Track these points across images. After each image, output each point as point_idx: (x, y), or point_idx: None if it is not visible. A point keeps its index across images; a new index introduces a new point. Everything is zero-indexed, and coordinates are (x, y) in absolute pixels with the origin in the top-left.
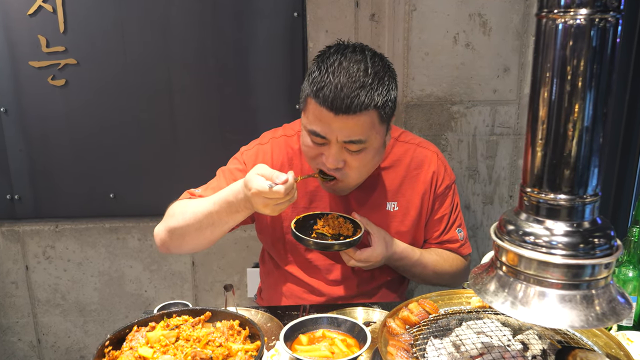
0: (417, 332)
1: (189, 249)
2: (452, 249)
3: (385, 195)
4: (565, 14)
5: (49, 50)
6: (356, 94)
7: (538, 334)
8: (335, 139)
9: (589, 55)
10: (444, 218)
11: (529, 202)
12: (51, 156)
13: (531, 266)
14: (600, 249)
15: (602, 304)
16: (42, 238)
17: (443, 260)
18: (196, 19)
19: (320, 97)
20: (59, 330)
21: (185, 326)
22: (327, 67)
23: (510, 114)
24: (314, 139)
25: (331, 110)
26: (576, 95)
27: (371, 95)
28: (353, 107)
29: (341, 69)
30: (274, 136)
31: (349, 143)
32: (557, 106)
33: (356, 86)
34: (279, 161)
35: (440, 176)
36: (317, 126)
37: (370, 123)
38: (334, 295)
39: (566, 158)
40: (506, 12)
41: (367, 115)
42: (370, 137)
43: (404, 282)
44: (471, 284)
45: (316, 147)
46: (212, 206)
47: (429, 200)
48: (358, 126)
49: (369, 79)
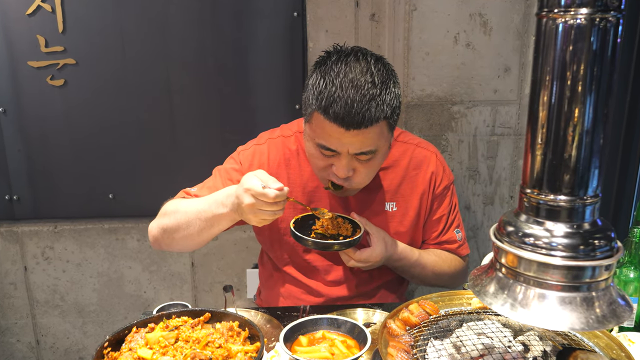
0: (417, 333)
1: (180, 248)
2: (451, 249)
3: (384, 195)
4: (565, 13)
5: (47, 50)
6: (367, 107)
7: (539, 335)
8: (346, 152)
9: (590, 56)
10: (442, 219)
11: (529, 203)
12: (50, 156)
13: (531, 268)
14: (600, 251)
15: (603, 306)
16: (40, 239)
17: (442, 261)
18: (195, 18)
19: (330, 113)
20: (58, 331)
21: (184, 327)
22: (332, 79)
23: (511, 114)
24: (323, 152)
25: (342, 126)
26: (576, 96)
27: (381, 107)
28: (365, 121)
29: (348, 81)
30: (271, 137)
31: (360, 154)
32: (557, 107)
33: (366, 100)
34: (275, 162)
35: (439, 177)
36: (327, 141)
37: (380, 133)
38: (332, 296)
39: (566, 159)
40: (507, 12)
41: (377, 127)
42: (379, 145)
43: (403, 282)
44: (471, 286)
45: (325, 158)
46: (203, 207)
47: (428, 200)
48: (369, 139)
49: (377, 89)
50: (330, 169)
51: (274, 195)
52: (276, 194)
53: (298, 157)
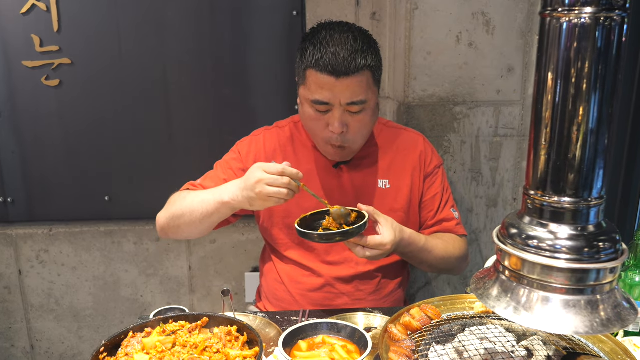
0: (419, 338)
1: (185, 235)
2: (449, 228)
3: (377, 173)
4: (569, 12)
5: (42, 49)
6: (352, 57)
7: (543, 339)
8: (338, 103)
9: (594, 55)
10: (436, 197)
11: (533, 205)
12: (45, 158)
13: (534, 271)
14: (605, 253)
15: (607, 310)
16: (35, 242)
17: (447, 244)
18: (193, 17)
19: (321, 65)
20: (53, 336)
21: (182, 332)
22: (320, 41)
23: (515, 115)
24: (318, 107)
25: (332, 75)
26: (581, 96)
27: (365, 57)
28: (352, 68)
29: (334, 40)
30: (266, 129)
31: (351, 105)
32: (561, 107)
33: (350, 51)
34: (271, 148)
35: (429, 156)
36: (320, 94)
37: (367, 83)
38: (332, 275)
39: (571, 160)
40: (510, 11)
41: (363, 75)
42: (368, 96)
43: (405, 267)
44: (473, 289)
45: (320, 116)
46: (206, 195)
47: (420, 178)
48: (358, 87)
49: (358, 44)
50: (327, 131)
51: (281, 168)
52: (284, 167)
53: (293, 144)
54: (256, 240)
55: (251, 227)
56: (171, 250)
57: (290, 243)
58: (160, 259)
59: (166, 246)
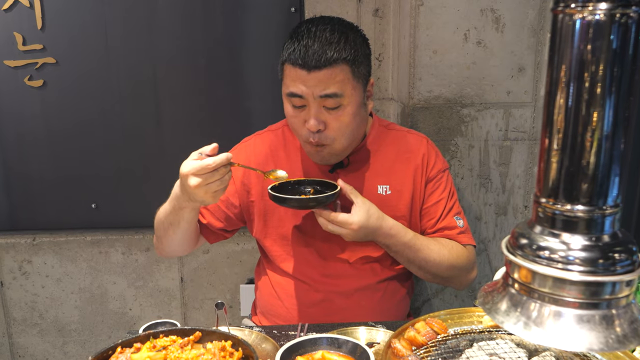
0: (424, 353)
1: (173, 252)
2: (450, 236)
3: (376, 178)
4: (583, 9)
5: (25, 48)
6: (323, 50)
7: (556, 356)
8: (312, 96)
9: (610, 54)
10: (439, 204)
11: (544, 214)
12: (28, 163)
13: (546, 283)
14: (621, 265)
15: (624, 325)
16: (18, 252)
17: (444, 248)
18: (185, 14)
19: (292, 58)
20: (37, 351)
21: (173, 347)
22: (297, 35)
23: (526, 118)
24: (293, 101)
25: (303, 68)
26: (595, 98)
27: (338, 50)
28: (322, 61)
29: (310, 33)
30: (258, 134)
31: (325, 98)
32: (575, 109)
33: (322, 44)
34: (262, 153)
35: (432, 159)
36: (294, 87)
37: (343, 77)
38: (331, 289)
39: (584, 166)
40: (521, 7)
41: (338, 69)
42: (345, 91)
43: (409, 278)
44: (481, 303)
45: (297, 113)
46: (167, 206)
47: (422, 183)
48: (331, 79)
49: (334, 37)
50: (305, 128)
51: (213, 162)
52: (215, 160)
53: (285, 147)
54: (252, 251)
55: (246, 236)
56: (162, 261)
57: (285, 255)
58: (150, 270)
59: (156, 257)
